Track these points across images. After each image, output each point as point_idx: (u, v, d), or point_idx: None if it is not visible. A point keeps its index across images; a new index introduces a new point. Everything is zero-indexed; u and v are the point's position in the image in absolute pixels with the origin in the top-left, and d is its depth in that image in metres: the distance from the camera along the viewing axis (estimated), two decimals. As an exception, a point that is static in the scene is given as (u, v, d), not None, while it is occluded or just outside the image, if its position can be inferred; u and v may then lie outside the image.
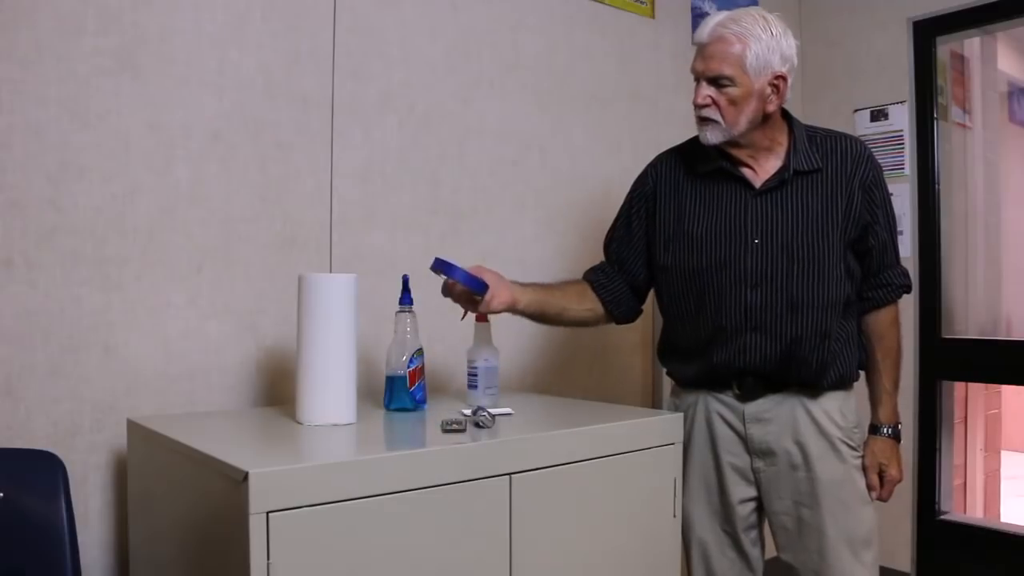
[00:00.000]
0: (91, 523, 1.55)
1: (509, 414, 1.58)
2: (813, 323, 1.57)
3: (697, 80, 1.56)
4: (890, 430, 1.66)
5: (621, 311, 1.76)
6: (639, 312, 1.80)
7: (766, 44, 1.51)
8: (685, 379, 1.73)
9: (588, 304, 1.74)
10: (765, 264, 1.57)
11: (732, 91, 1.52)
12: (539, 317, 1.70)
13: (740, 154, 1.60)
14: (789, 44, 1.54)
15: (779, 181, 1.59)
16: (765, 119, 1.56)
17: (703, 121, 1.56)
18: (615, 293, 1.74)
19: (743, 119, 1.54)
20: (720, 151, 1.60)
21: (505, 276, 1.61)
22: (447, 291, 1.57)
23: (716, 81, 1.52)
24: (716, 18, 1.55)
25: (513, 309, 1.61)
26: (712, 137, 1.56)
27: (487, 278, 1.55)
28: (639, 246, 1.72)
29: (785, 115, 1.64)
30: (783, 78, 1.54)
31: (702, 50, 1.55)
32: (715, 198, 1.63)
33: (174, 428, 1.37)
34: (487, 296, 1.54)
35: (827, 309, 1.58)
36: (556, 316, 1.71)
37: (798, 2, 3.06)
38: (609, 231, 1.79)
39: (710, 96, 1.53)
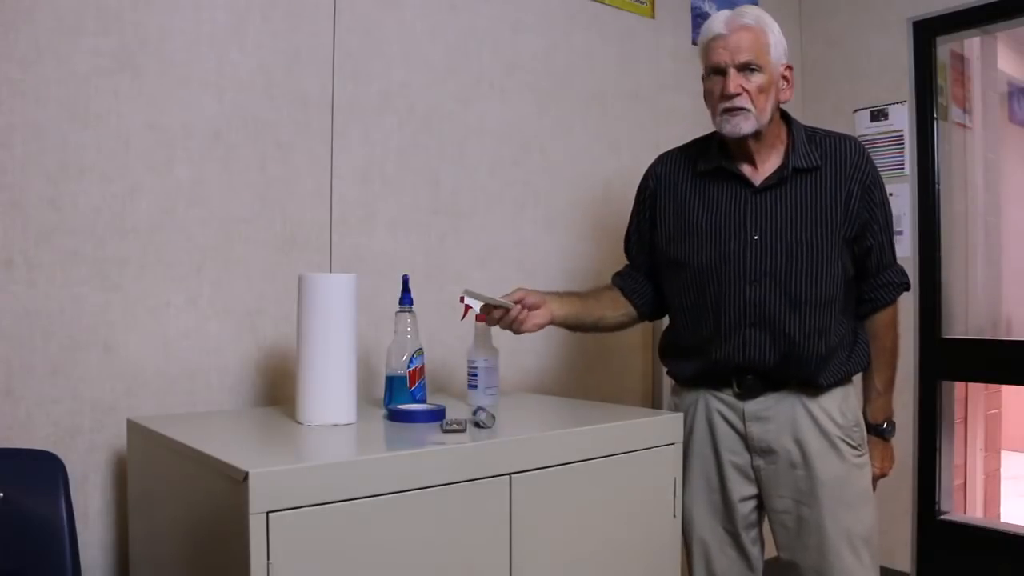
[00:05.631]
0: (91, 523, 1.54)
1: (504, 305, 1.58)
2: (811, 320, 1.58)
3: (722, 72, 1.55)
4: (877, 428, 1.71)
5: (651, 310, 1.81)
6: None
7: (778, 34, 1.57)
8: (685, 377, 1.73)
9: (623, 309, 1.78)
10: (764, 260, 1.58)
11: (760, 78, 1.54)
12: (576, 327, 1.74)
13: (755, 147, 1.60)
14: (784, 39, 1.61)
15: (778, 179, 1.59)
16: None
17: (733, 111, 1.54)
18: (644, 296, 1.78)
19: (769, 107, 1.57)
20: (722, 150, 1.60)
21: (536, 287, 1.65)
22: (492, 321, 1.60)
23: (747, 67, 1.54)
24: (726, 13, 1.58)
25: (551, 323, 1.64)
26: (746, 127, 1.55)
27: (527, 298, 1.58)
28: (649, 247, 1.75)
29: (783, 115, 1.65)
30: (791, 69, 1.60)
31: (723, 41, 1.55)
32: (715, 195, 1.64)
33: (174, 428, 1.37)
34: (523, 315, 1.58)
35: (825, 306, 1.58)
36: (593, 325, 1.75)
37: (798, 2, 3.06)
38: (625, 235, 1.83)
39: (741, 84, 1.54)
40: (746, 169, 1.62)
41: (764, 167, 1.62)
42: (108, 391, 1.56)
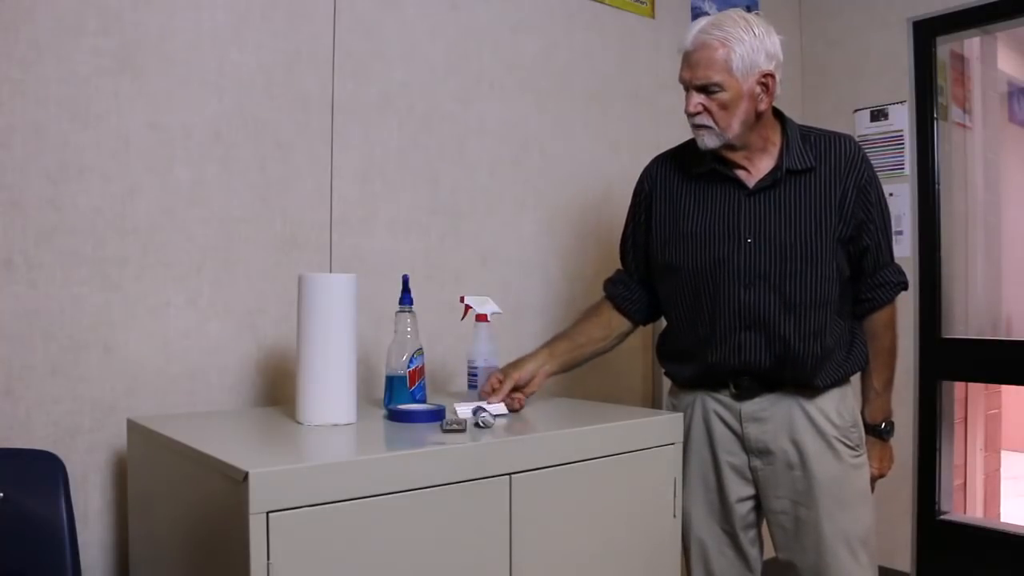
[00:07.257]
0: (91, 523, 1.55)
1: (505, 415, 1.57)
2: (807, 322, 1.57)
3: (687, 88, 1.56)
4: (875, 428, 1.71)
5: (646, 316, 1.81)
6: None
7: (749, 45, 1.51)
8: (683, 379, 1.73)
9: (617, 329, 1.78)
10: (758, 263, 1.58)
11: (722, 96, 1.52)
12: (573, 368, 1.77)
13: (735, 156, 1.60)
14: (773, 42, 1.54)
15: (772, 181, 1.59)
16: (758, 118, 1.57)
17: (698, 128, 1.57)
18: (638, 303, 1.78)
19: (736, 122, 1.54)
20: (715, 154, 1.60)
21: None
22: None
23: (705, 88, 1.53)
24: (698, 25, 1.55)
25: (548, 378, 1.69)
26: (709, 143, 1.56)
27: (518, 377, 1.62)
28: (644, 251, 1.74)
29: (778, 115, 1.64)
30: (771, 76, 1.54)
31: (687, 58, 1.55)
32: (709, 198, 1.64)
33: (174, 428, 1.37)
34: (517, 399, 1.62)
35: (821, 308, 1.58)
36: (589, 358, 1.78)
37: (798, 2, 3.06)
38: (621, 239, 1.82)
39: (701, 103, 1.54)
40: (739, 171, 1.61)
41: (757, 169, 1.61)
42: (108, 391, 1.56)
